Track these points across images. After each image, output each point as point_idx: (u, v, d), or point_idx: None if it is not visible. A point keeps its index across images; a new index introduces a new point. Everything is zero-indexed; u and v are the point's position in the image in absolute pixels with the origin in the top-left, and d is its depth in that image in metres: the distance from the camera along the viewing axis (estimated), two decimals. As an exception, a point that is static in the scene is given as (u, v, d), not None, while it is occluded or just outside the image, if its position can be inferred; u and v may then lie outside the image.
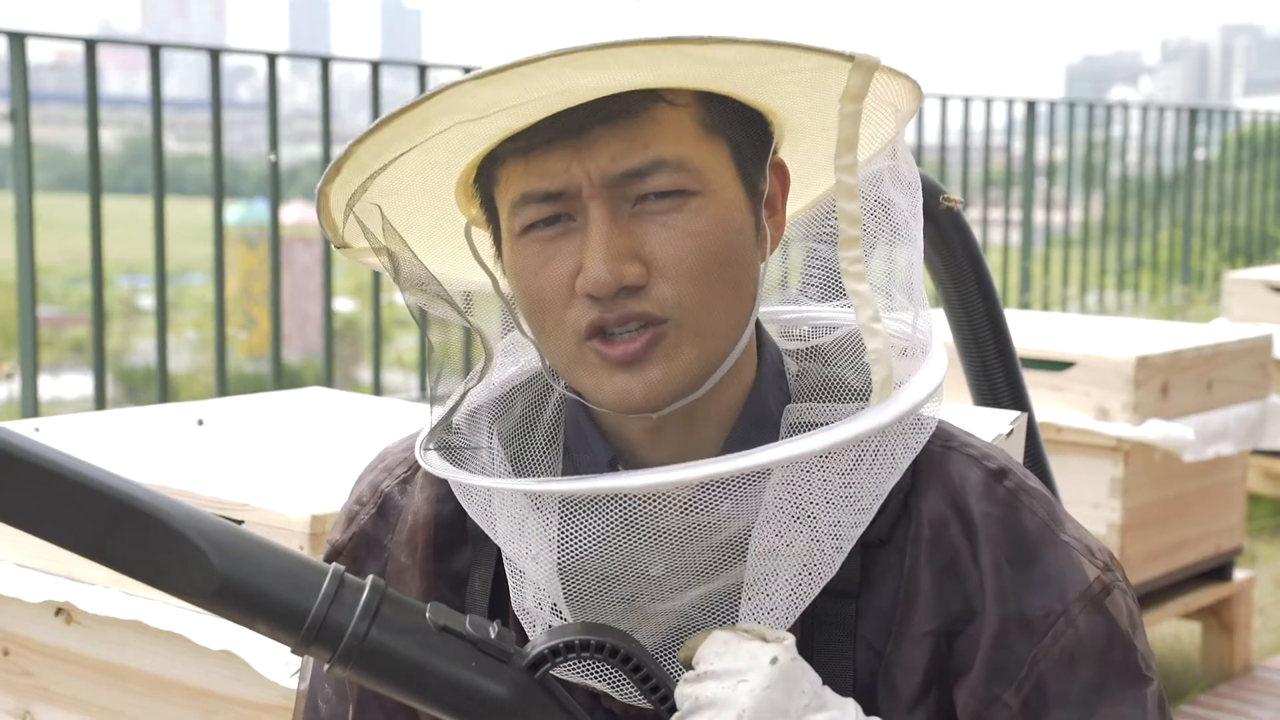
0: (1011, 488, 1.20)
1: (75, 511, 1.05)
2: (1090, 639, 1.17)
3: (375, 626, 1.08)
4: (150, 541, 1.06)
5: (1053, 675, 1.16)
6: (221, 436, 2.34)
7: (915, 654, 1.17)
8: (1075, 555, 1.19)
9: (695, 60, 1.09)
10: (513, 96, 1.08)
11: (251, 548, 1.09)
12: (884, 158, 1.23)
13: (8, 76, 4.37)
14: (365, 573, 1.29)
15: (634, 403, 1.16)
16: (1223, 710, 3.81)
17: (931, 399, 1.19)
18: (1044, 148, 9.72)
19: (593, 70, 1.07)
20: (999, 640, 1.16)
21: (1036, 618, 1.16)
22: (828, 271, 1.28)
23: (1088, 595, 1.17)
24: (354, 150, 1.12)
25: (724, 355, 1.19)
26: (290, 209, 20.94)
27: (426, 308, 1.24)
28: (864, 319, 1.16)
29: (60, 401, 12.30)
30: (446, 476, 1.23)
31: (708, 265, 1.15)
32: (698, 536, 1.15)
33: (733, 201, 1.17)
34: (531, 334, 1.23)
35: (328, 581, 1.09)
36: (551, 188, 1.14)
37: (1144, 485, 3.66)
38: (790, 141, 1.25)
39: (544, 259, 1.16)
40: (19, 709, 2.18)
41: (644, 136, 1.13)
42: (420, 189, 1.23)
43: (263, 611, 1.08)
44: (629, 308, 1.14)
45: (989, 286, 2.01)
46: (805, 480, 1.14)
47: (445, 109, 1.09)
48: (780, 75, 1.14)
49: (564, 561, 1.16)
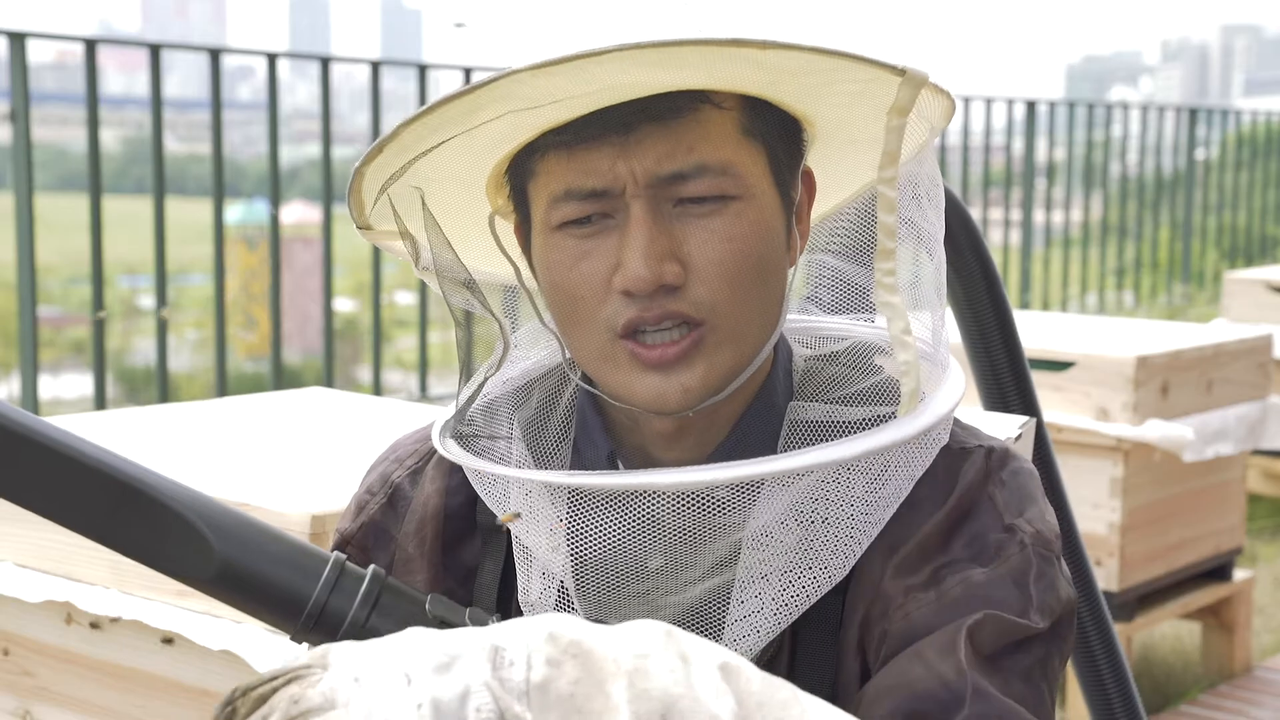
0: (990, 468, 1.20)
1: (76, 490, 1.05)
2: (993, 590, 1.13)
3: (375, 615, 1.08)
4: (151, 522, 1.06)
5: (931, 614, 1.13)
6: (221, 436, 2.34)
7: (860, 603, 1.17)
8: (1010, 529, 1.17)
9: (750, 65, 1.10)
10: (568, 88, 1.08)
11: (253, 533, 1.08)
12: (911, 166, 1.23)
13: (8, 76, 4.38)
14: (374, 562, 1.30)
15: (669, 405, 1.17)
16: (1223, 710, 3.81)
17: (950, 416, 1.21)
18: (1044, 148, 9.72)
19: (650, 68, 1.07)
20: (895, 579, 1.15)
21: (933, 568, 1.15)
22: (838, 282, 1.29)
23: (1004, 555, 1.15)
24: (400, 132, 1.12)
25: (754, 357, 1.20)
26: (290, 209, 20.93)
27: (447, 295, 1.24)
28: (896, 330, 1.17)
29: (60, 401, 12.31)
30: (474, 467, 1.23)
31: (744, 270, 1.16)
32: (715, 535, 1.15)
33: (769, 207, 1.18)
34: (557, 328, 1.23)
35: (329, 568, 1.08)
36: (597, 186, 1.14)
37: (1144, 485, 3.66)
38: (813, 152, 1.26)
39: (580, 254, 1.16)
40: (19, 709, 2.18)
41: (689, 139, 1.14)
42: (453, 176, 1.23)
43: (262, 596, 1.08)
44: (666, 307, 1.14)
45: (998, 290, 2.01)
46: (824, 484, 1.15)
47: (499, 96, 1.08)
48: (830, 85, 1.15)
49: (580, 554, 1.16)
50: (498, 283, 1.31)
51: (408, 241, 1.24)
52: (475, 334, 1.28)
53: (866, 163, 1.26)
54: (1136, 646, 4.09)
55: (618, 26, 1.11)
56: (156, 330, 4.71)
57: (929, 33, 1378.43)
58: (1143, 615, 3.72)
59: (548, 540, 1.18)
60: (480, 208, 1.28)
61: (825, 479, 1.14)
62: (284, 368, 5.37)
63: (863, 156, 1.27)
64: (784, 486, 1.14)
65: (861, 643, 1.17)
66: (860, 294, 1.29)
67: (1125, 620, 3.64)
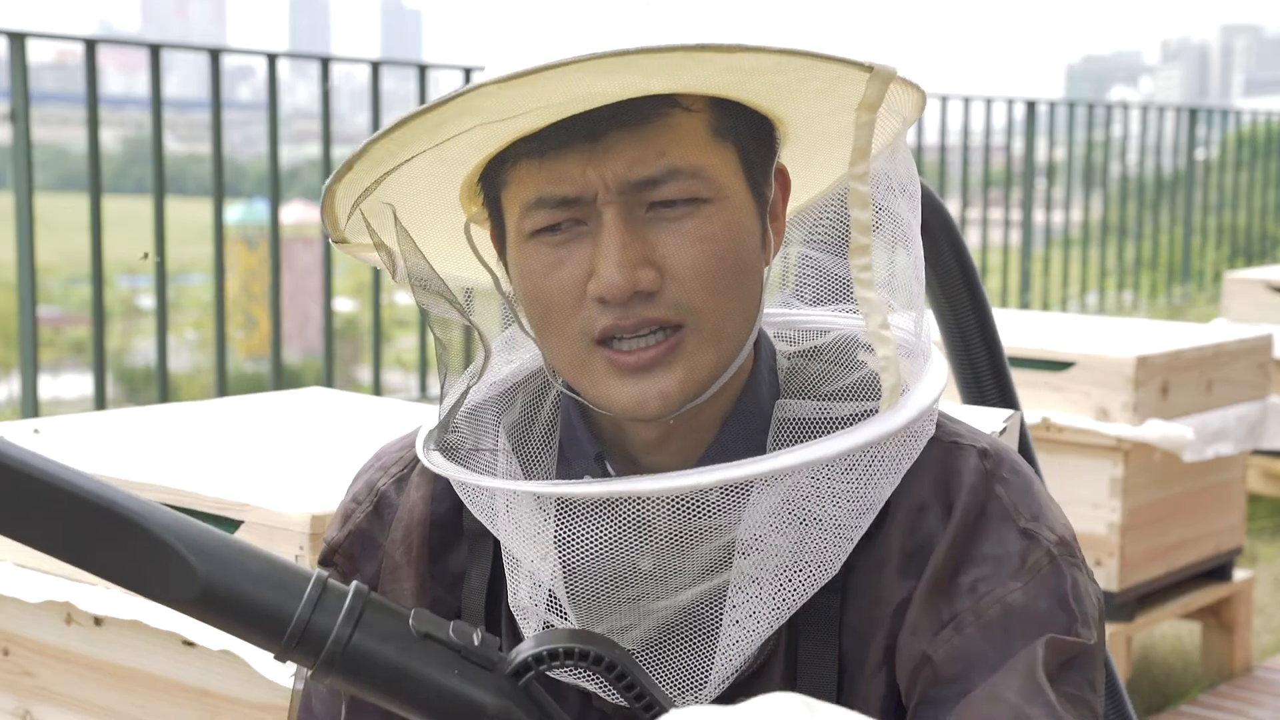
0: (989, 469, 1.20)
1: (57, 517, 1.04)
2: (1030, 608, 1.14)
3: (358, 632, 1.07)
4: (132, 548, 1.05)
5: (983, 637, 1.14)
6: (221, 436, 2.34)
7: (879, 623, 1.17)
8: (1029, 534, 1.17)
9: (718, 68, 1.10)
10: (532, 100, 1.08)
11: (234, 553, 1.08)
12: (883, 160, 1.23)
13: (8, 76, 4.37)
14: (361, 571, 1.30)
15: (649, 410, 1.17)
16: (1223, 710, 3.81)
17: (934, 408, 1.20)
18: (1044, 148, 9.72)
19: (616, 75, 1.07)
20: (927, 597, 1.15)
21: (967, 584, 1.15)
22: (819, 275, 1.29)
23: (1034, 568, 1.16)
24: (370, 149, 1.12)
25: (734, 357, 1.19)
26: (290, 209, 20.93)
27: (424, 305, 1.24)
28: (874, 325, 1.17)
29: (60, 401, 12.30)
30: (458, 479, 1.23)
31: (720, 270, 1.15)
32: (706, 538, 1.15)
33: (742, 207, 1.18)
34: (535, 333, 1.23)
35: (311, 586, 1.08)
36: (568, 193, 1.14)
37: (1144, 485, 3.66)
38: (786, 147, 1.26)
39: (554, 262, 1.16)
40: (19, 709, 2.18)
41: (659, 143, 1.14)
42: (426, 188, 1.22)
43: (246, 617, 1.07)
44: (643, 314, 1.14)
45: (976, 285, 2.01)
46: (810, 482, 1.15)
47: (466, 110, 1.08)
48: (798, 83, 1.15)
49: (569, 562, 1.16)
50: (477, 290, 1.31)
51: (383, 253, 1.23)
52: (454, 342, 1.27)
53: (839, 158, 1.26)
54: (1136, 646, 4.09)
55: (586, 33, 1.11)
56: (157, 330, 4.72)
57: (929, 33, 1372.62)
58: (1143, 615, 3.72)
59: (535, 549, 1.17)
60: (455, 216, 1.28)
61: (812, 477, 1.14)
62: (284, 368, 5.37)
63: (835, 152, 1.26)
64: (771, 487, 1.14)
65: (888, 655, 1.17)
66: (841, 285, 1.29)
67: (1125, 620, 3.64)
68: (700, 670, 1.17)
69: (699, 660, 1.17)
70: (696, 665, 1.17)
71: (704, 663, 1.17)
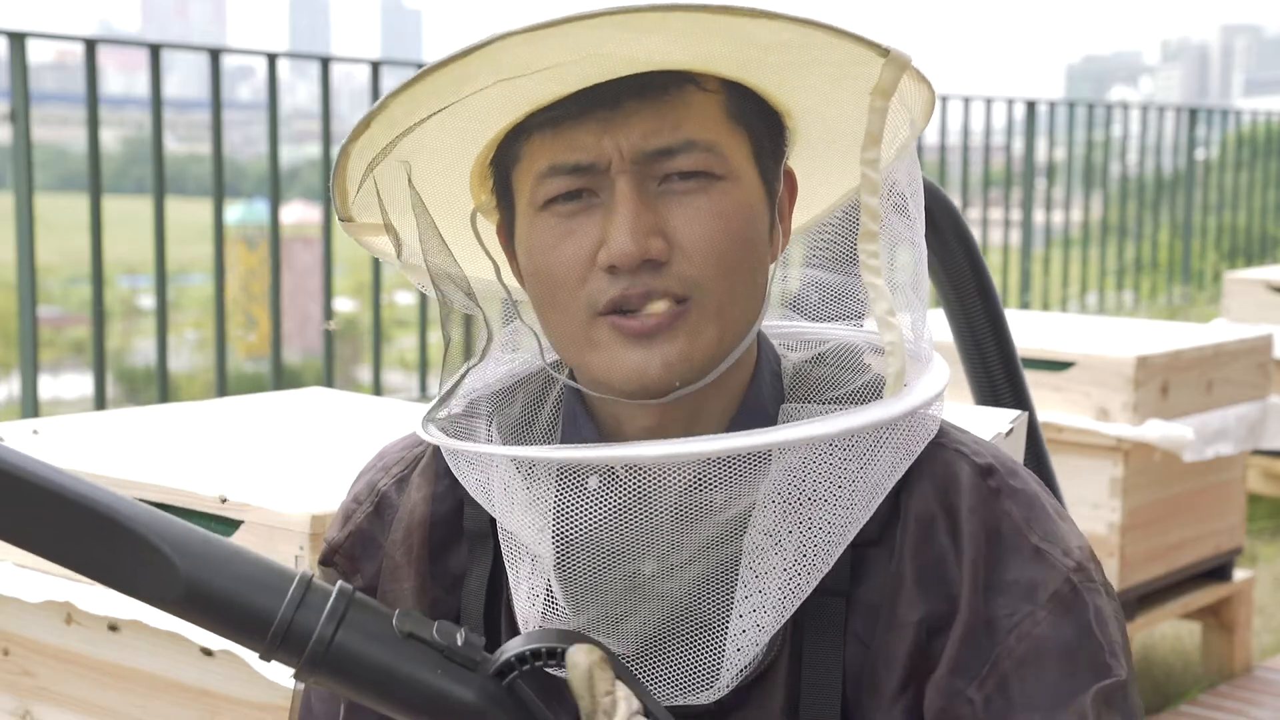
0: (995, 486, 1.19)
1: (40, 516, 1.04)
2: (1057, 640, 1.15)
3: (342, 631, 1.07)
4: (115, 547, 1.05)
5: (1017, 676, 1.15)
6: (221, 436, 2.34)
7: (898, 647, 1.17)
8: (1046, 558, 1.17)
9: (735, 42, 1.10)
10: (556, 55, 1.08)
11: (217, 552, 1.08)
12: (889, 169, 1.23)
13: (8, 76, 4.37)
14: (362, 571, 1.30)
15: (648, 380, 1.16)
16: (1223, 710, 3.81)
17: (937, 400, 1.20)
18: (1044, 148, 9.72)
19: (638, 34, 1.07)
20: (966, 638, 1.16)
21: (1002, 617, 1.16)
22: (820, 291, 1.30)
23: (1056, 597, 1.16)
24: (389, 103, 1.12)
25: (736, 344, 1.19)
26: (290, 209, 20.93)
27: (435, 279, 1.23)
28: (880, 311, 1.18)
29: (60, 401, 12.31)
30: (454, 448, 1.22)
31: (729, 248, 1.16)
32: (697, 516, 1.15)
33: (753, 191, 1.19)
34: (538, 315, 1.23)
35: (294, 585, 1.08)
36: (582, 160, 1.14)
37: (1144, 485, 3.66)
38: (792, 156, 1.26)
39: (564, 233, 1.16)
40: (19, 709, 2.18)
41: (675, 116, 1.14)
42: (439, 168, 1.23)
43: (230, 617, 1.07)
44: (651, 284, 1.14)
45: (988, 284, 2.01)
46: (805, 472, 1.14)
47: (488, 63, 1.08)
48: (812, 65, 1.15)
49: (565, 535, 1.16)
50: (489, 282, 1.31)
51: (390, 234, 1.23)
52: (455, 320, 1.27)
53: (845, 167, 1.26)
54: (1137, 647, 4.09)
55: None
56: (157, 330, 4.71)
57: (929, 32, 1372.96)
58: (1143, 615, 3.72)
59: (530, 519, 1.17)
60: (462, 205, 1.28)
61: (813, 459, 1.14)
62: (284, 368, 5.37)
63: (842, 160, 1.27)
64: (762, 466, 1.13)
65: (909, 682, 1.16)
66: (841, 300, 1.30)
67: (1125, 620, 3.64)
68: (707, 669, 1.16)
69: (705, 659, 1.17)
70: (703, 665, 1.17)
71: (710, 662, 1.16)
